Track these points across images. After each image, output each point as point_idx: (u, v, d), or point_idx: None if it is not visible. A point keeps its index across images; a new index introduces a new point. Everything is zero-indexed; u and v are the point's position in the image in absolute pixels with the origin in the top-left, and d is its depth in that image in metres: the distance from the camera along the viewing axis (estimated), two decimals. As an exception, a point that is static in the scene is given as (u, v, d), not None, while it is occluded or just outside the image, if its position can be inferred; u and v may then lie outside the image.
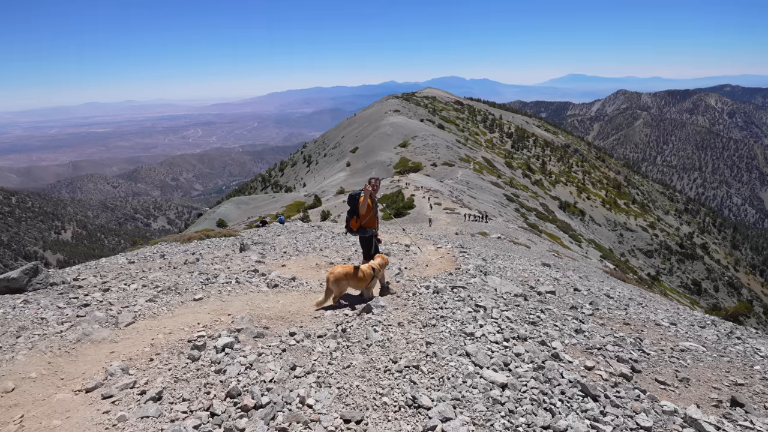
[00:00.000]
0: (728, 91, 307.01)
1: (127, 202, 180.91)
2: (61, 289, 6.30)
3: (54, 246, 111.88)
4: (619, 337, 4.90)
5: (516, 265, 9.76)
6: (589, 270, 15.87)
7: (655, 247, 66.69)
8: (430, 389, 3.26)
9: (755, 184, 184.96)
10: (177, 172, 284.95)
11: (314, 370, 3.55)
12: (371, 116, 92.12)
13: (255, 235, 14.46)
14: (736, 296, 60.81)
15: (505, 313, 5.00)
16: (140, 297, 5.83)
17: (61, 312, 5.16)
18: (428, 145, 62.72)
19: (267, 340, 4.27)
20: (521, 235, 23.87)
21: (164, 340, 4.30)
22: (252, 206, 55.44)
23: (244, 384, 3.27)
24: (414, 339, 4.15)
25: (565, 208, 63.62)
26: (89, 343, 4.26)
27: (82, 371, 3.67)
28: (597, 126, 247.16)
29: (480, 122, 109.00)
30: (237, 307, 5.45)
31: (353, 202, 6.07)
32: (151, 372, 3.58)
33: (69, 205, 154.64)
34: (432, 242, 12.44)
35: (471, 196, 37.79)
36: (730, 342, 5.50)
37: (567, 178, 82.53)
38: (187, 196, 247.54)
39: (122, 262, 9.17)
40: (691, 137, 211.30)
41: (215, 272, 7.50)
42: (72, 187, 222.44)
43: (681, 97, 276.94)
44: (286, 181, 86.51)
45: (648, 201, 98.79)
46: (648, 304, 8.07)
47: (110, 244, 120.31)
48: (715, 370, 4.27)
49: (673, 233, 77.37)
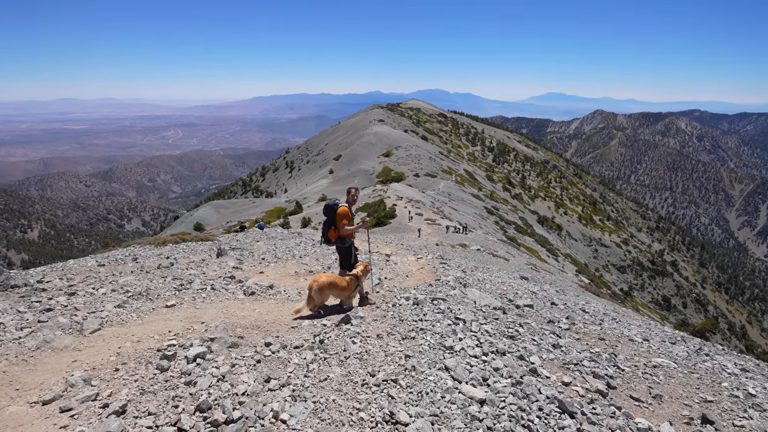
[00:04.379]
0: (697, 116, 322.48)
1: (100, 202, 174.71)
2: (23, 291, 5.98)
3: (19, 245, 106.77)
4: (595, 353, 4.96)
5: (495, 277, 9.84)
6: (566, 284, 16.16)
7: (628, 263, 68.73)
8: (408, 404, 3.19)
9: (721, 205, 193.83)
10: (154, 173, 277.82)
11: (289, 382, 3.43)
12: (356, 125, 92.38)
13: (233, 241, 14.15)
14: (703, 312, 63.14)
15: (485, 326, 4.99)
16: (108, 302, 5.57)
17: (21, 316, 4.88)
18: (411, 155, 63.23)
19: (241, 350, 4.13)
20: (500, 247, 24.18)
21: (132, 348, 4.11)
22: (231, 210, 54.43)
23: (215, 397, 3.13)
24: (393, 352, 4.09)
25: (543, 222, 64.95)
26: (50, 351, 4.02)
27: (39, 381, 3.45)
28: (575, 144, 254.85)
29: (463, 135, 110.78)
30: (211, 314, 5.28)
31: (330, 212, 5.90)
32: (115, 383, 3.39)
33: (37, 203, 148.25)
34: (412, 252, 12.44)
35: (452, 208, 38.16)
36: (699, 358, 5.65)
37: (545, 193, 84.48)
38: (164, 198, 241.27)
39: (91, 265, 8.79)
40: (663, 158, 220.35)
41: (190, 278, 7.27)
42: (42, 184, 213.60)
43: (654, 119, 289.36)
44: (267, 186, 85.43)
45: (622, 218, 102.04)
46: (621, 320, 8.24)
47: (80, 245, 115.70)
48: (686, 386, 4.36)
49: (645, 250, 79.97)
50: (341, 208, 5.79)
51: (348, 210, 5.82)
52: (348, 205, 5.93)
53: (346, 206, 5.87)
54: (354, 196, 6.03)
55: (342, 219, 5.76)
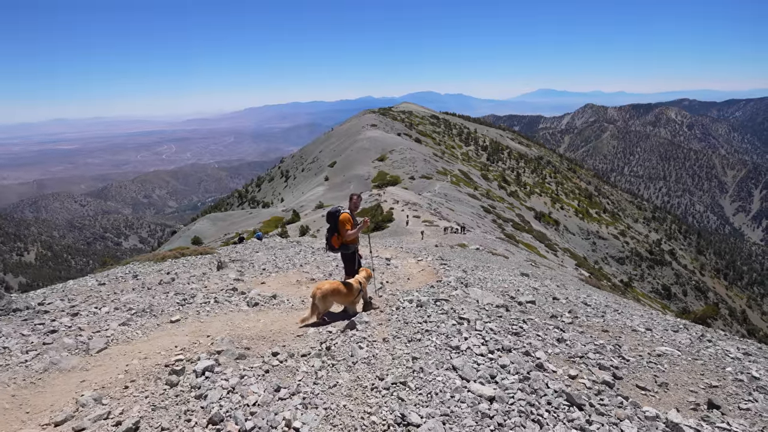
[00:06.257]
0: (686, 104, 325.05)
1: (96, 221, 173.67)
2: (25, 315, 5.96)
3: (16, 269, 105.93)
4: (599, 345, 5.00)
5: (496, 275, 9.88)
6: (566, 278, 16.23)
7: (627, 254, 68.96)
8: (419, 406, 3.22)
9: (715, 192, 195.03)
10: (150, 189, 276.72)
11: (299, 390, 3.46)
12: (349, 131, 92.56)
13: (233, 253, 14.13)
14: (703, 299, 63.36)
15: (489, 324, 5.03)
16: (112, 321, 5.57)
17: (26, 340, 4.87)
18: (406, 158, 63.37)
19: (249, 361, 4.15)
20: (499, 245, 24.24)
21: (140, 365, 4.11)
22: (229, 222, 54.28)
23: (226, 409, 3.15)
24: (400, 354, 4.12)
25: (540, 218, 65.15)
26: (57, 373, 4.02)
27: (50, 403, 3.46)
28: (567, 138, 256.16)
29: (456, 136, 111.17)
30: (216, 327, 5.29)
31: (333, 219, 5.95)
32: (126, 401, 3.40)
33: (32, 225, 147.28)
34: (412, 255, 12.47)
35: (449, 209, 38.24)
36: (702, 345, 5.70)
37: (541, 189, 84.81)
38: (161, 213, 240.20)
39: (92, 284, 8.76)
40: (655, 148, 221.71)
41: (192, 292, 7.27)
42: (36, 206, 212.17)
43: (644, 110, 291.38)
44: (263, 196, 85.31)
45: (618, 210, 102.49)
46: (623, 311, 8.30)
47: (78, 265, 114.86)
48: (691, 373, 4.41)
49: (643, 240, 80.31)
50: (343, 215, 5.84)
51: (350, 216, 5.87)
52: (350, 211, 5.98)
53: (348, 213, 5.91)
54: (356, 203, 6.09)
55: (345, 225, 5.81)
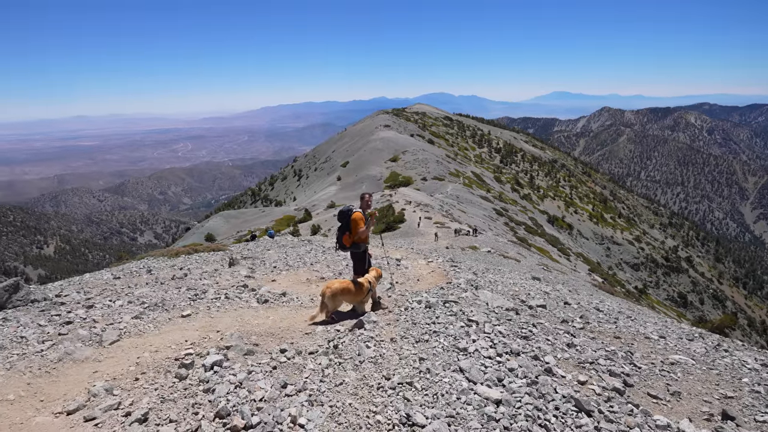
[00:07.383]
0: (707, 109, 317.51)
1: (113, 216, 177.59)
2: (42, 306, 6.12)
3: (35, 261, 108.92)
4: (611, 351, 4.91)
5: (506, 279, 9.79)
6: (578, 283, 16.00)
7: (642, 260, 67.62)
8: (424, 406, 3.21)
9: (735, 199, 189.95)
10: (165, 185, 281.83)
11: (306, 388, 3.48)
12: (362, 131, 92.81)
13: (244, 250, 14.29)
14: (721, 309, 61.74)
15: (498, 327, 4.99)
16: (126, 314, 5.69)
17: (42, 330, 5.00)
18: (418, 159, 63.25)
19: (257, 357, 4.19)
20: (511, 248, 24.02)
21: (150, 358, 4.19)
22: (241, 220, 54.92)
23: (233, 404, 3.19)
24: (407, 355, 4.10)
25: (553, 222, 64.35)
26: (71, 363, 4.12)
27: (63, 392, 3.54)
28: (583, 142, 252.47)
29: (469, 137, 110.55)
30: (226, 323, 5.35)
31: (345, 218, 5.99)
32: (136, 392, 3.47)
33: (52, 219, 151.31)
34: (423, 256, 12.44)
35: (461, 210, 38.04)
36: (718, 354, 5.55)
37: (555, 192, 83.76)
38: (175, 210, 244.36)
39: (107, 278, 8.96)
40: (673, 153, 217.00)
41: (204, 288, 7.37)
42: (56, 201, 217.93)
43: (662, 114, 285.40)
44: (276, 195, 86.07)
45: (633, 215, 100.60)
46: (637, 318, 8.14)
47: (95, 259, 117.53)
48: (705, 383, 4.30)
49: (659, 247, 78.66)
50: (355, 214, 5.86)
51: (362, 215, 5.90)
52: (362, 210, 6.00)
53: (360, 212, 5.94)
54: (368, 202, 6.11)
55: (357, 224, 5.85)
